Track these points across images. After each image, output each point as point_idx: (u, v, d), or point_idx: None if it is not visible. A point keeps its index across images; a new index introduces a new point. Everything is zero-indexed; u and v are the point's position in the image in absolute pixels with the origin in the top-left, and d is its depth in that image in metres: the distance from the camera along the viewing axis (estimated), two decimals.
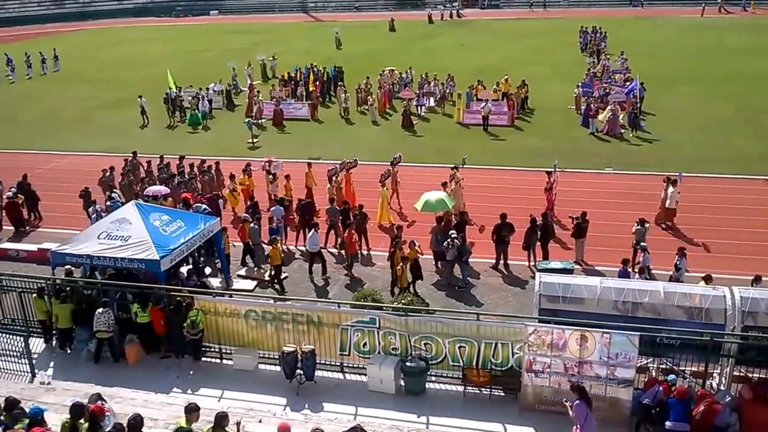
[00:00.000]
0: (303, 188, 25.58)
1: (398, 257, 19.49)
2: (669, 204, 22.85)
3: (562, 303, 14.76)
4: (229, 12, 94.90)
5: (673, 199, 22.74)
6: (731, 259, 20.67)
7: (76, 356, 17.03)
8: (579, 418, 12.48)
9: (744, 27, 62.56)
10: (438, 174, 25.94)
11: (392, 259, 19.77)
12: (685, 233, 22.70)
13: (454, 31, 69.31)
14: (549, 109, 38.97)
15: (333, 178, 24.93)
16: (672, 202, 22.79)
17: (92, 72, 57.24)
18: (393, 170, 25.67)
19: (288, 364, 15.25)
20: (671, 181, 22.84)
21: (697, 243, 22.06)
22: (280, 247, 21.11)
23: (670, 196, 22.72)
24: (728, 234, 22.45)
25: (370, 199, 24.45)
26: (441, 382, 15.42)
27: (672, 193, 22.68)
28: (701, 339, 13.85)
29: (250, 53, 54.89)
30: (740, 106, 37.76)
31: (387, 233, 22.79)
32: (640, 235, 20.28)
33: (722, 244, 21.85)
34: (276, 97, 40.81)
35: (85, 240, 18.05)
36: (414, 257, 19.55)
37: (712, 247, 21.85)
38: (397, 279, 19.29)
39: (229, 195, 25.39)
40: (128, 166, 28.11)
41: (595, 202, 24.13)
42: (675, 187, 22.70)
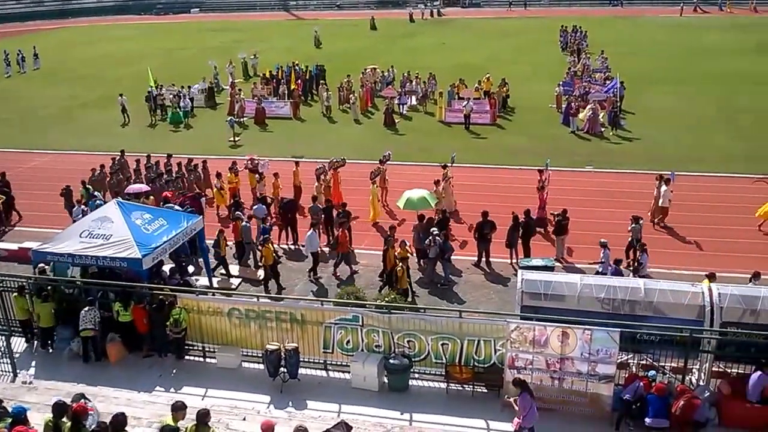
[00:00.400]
0: (291, 187, 25.57)
1: (391, 256, 19.49)
2: (662, 203, 23.04)
3: (544, 300, 14.93)
4: (210, 10, 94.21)
5: (666, 198, 22.93)
6: (725, 257, 20.94)
7: (58, 355, 16.92)
8: (524, 408, 12.79)
9: (723, 26, 63.22)
10: (420, 172, 26.09)
11: (386, 258, 19.75)
12: (678, 231, 23.01)
13: (435, 30, 69.46)
14: (530, 107, 39.23)
15: (321, 177, 24.92)
16: (665, 201, 22.98)
17: (72, 70, 56.70)
18: (383, 168, 25.69)
19: (271, 362, 15.27)
20: (664, 180, 23.03)
21: (689, 241, 22.38)
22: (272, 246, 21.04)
23: (663, 195, 22.92)
24: (718, 232, 22.72)
25: (354, 197, 24.53)
26: (424, 379, 15.51)
27: (665, 192, 22.88)
28: (680, 335, 14.08)
29: (232, 51, 54.67)
30: (720, 105, 38.24)
31: (381, 231, 22.92)
32: (635, 233, 20.49)
33: (714, 242, 22.11)
34: (258, 96, 40.71)
35: (66, 238, 17.92)
36: (404, 257, 19.54)
37: (704, 244, 22.15)
38: (398, 280, 19.07)
39: (217, 193, 25.30)
40: (116, 164, 27.93)
41: (575, 200, 24.36)
42: (668, 186, 22.89)
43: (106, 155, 29.52)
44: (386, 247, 19.91)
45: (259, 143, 34.70)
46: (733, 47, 52.87)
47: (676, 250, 21.95)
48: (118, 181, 26.33)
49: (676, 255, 21.48)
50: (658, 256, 20.23)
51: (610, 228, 23.04)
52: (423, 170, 27.07)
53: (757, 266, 17.88)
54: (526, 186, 24.87)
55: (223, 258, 21.32)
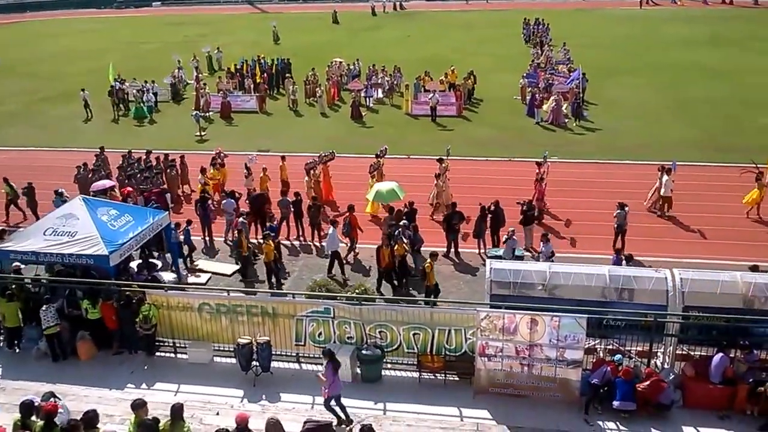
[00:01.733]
0: (278, 181, 25.44)
1: (386, 254, 19.17)
2: (664, 192, 23.33)
3: (513, 289, 15.17)
4: (172, 3, 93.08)
5: (668, 187, 23.21)
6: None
7: (25, 355, 16.67)
8: (328, 378, 13.58)
9: (680, 18, 64.45)
10: (389, 164, 26.14)
11: (380, 255, 19.42)
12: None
13: (398, 23, 69.55)
14: (495, 99, 39.60)
15: (311, 172, 24.79)
16: (667, 190, 23.26)
17: (32, 65, 55.53)
18: (381, 162, 25.59)
19: (243, 355, 15.29)
20: (665, 170, 23.31)
21: (693, 230, 22.75)
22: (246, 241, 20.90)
23: (665, 185, 23.19)
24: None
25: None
26: (396, 368, 15.66)
27: (666, 182, 23.14)
28: (645, 320, 14.44)
29: (196, 45, 54.02)
30: (676, 95, 39.06)
31: (379, 225, 22.95)
32: (621, 219, 20.83)
33: (716, 231, 22.51)
34: (223, 90, 40.40)
35: (30, 236, 17.72)
36: (402, 253, 19.40)
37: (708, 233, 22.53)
38: (427, 276, 18.61)
39: (200, 188, 24.87)
40: (98, 161, 27.47)
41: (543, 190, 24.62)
42: (669, 176, 23.18)
43: (70, 151, 29.01)
44: (391, 243, 19.32)
45: (225, 137, 34.47)
46: (690, 39, 53.96)
47: (677, 239, 22.22)
48: (100, 178, 25.80)
49: (678, 244, 21.76)
50: (655, 245, 20.62)
51: (575, 216, 23.55)
52: (390, 162, 27.06)
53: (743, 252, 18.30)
54: (493, 177, 25.18)
55: (245, 257, 20.92)
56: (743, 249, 20.71)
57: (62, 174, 27.73)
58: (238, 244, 20.81)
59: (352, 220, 21.35)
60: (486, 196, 22.62)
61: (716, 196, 24.41)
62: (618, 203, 21.14)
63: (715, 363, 14.01)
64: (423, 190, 24.77)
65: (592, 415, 13.99)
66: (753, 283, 14.55)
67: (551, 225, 23.07)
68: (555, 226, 23.01)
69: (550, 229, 22.57)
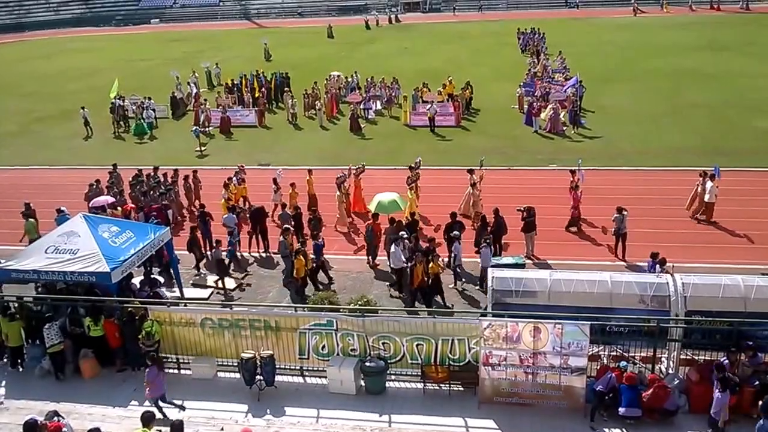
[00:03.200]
0: (306, 195, 25.35)
1: (419, 271, 18.64)
2: (708, 198, 23.07)
3: (515, 297, 15.16)
4: (170, 20, 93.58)
5: (713, 194, 22.95)
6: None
7: (28, 374, 16.66)
8: (149, 379, 14.48)
9: (672, 25, 64.80)
10: (389, 176, 26.09)
11: (413, 273, 18.86)
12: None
13: (394, 36, 69.83)
14: (493, 109, 39.72)
15: (342, 185, 24.72)
16: (711, 197, 23.00)
17: (31, 84, 55.86)
18: (418, 174, 25.28)
19: (247, 370, 15.25)
20: (708, 176, 23.13)
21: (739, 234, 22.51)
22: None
23: (709, 191, 22.96)
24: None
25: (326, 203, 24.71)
26: (400, 380, 15.63)
27: (711, 188, 22.90)
28: (648, 325, 14.43)
29: (194, 61, 54.32)
30: (672, 100, 39.20)
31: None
32: (618, 223, 20.84)
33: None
34: (223, 105, 40.53)
35: (31, 255, 17.66)
36: (436, 272, 19.00)
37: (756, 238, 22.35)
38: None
39: (224, 204, 24.81)
40: (112, 178, 27.40)
41: (542, 198, 24.64)
42: (713, 182, 23.02)
43: (71, 169, 29.02)
44: (427, 259, 18.74)
45: (225, 152, 34.60)
46: (684, 45, 54.26)
47: (722, 245, 21.97)
48: (114, 195, 25.69)
49: (722, 249, 21.49)
50: (696, 251, 20.61)
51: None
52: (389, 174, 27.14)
53: None
54: (493, 186, 25.14)
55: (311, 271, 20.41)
56: None
57: (64, 192, 27.85)
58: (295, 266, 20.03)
59: (375, 229, 21.35)
60: (486, 205, 22.64)
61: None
62: (617, 208, 21.13)
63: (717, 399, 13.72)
64: (423, 200, 24.79)
65: (597, 422, 13.96)
66: (755, 286, 14.53)
67: (589, 233, 22.94)
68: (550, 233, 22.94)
69: (588, 238, 22.57)
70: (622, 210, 21.02)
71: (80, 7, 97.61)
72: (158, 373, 14.49)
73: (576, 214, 23.42)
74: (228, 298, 20.30)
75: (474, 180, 24.23)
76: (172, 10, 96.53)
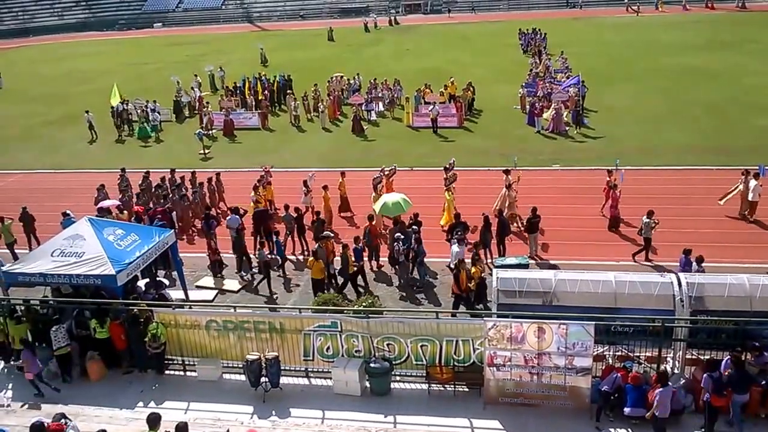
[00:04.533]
0: (338, 198, 25.38)
1: (464, 276, 18.26)
2: (752, 197, 22.92)
3: (519, 297, 15.17)
4: (173, 24, 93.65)
5: (756, 192, 22.79)
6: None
7: None
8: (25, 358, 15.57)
9: (673, 24, 64.76)
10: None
11: (458, 278, 18.32)
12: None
13: (396, 38, 69.78)
14: (495, 109, 39.75)
15: (378, 186, 24.64)
16: (755, 195, 22.85)
17: (36, 88, 55.98)
18: (455, 175, 25.28)
19: (252, 372, 15.29)
20: (752, 174, 22.95)
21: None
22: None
23: (753, 189, 22.81)
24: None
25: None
26: (405, 381, 15.65)
27: (755, 186, 22.74)
28: (653, 325, 14.42)
29: (197, 64, 54.43)
30: (674, 99, 39.17)
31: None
32: (647, 227, 20.53)
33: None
34: (226, 108, 40.63)
35: (37, 258, 17.73)
36: (479, 275, 18.81)
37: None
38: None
39: (252, 206, 24.56)
40: (124, 182, 27.39)
41: (545, 198, 24.69)
42: (757, 180, 22.87)
43: (76, 173, 29.06)
44: (472, 264, 18.55)
45: (229, 155, 34.69)
46: (685, 43, 54.25)
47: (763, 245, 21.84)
48: (128, 198, 25.87)
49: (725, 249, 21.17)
50: (736, 251, 20.51)
51: (579, 224, 23.58)
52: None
53: None
54: (496, 186, 25.11)
55: (351, 275, 20.17)
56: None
57: (69, 195, 27.91)
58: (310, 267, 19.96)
59: (372, 230, 21.36)
60: (490, 206, 22.65)
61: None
62: (648, 212, 20.75)
63: (725, 366, 13.85)
64: (427, 201, 24.77)
65: (603, 422, 13.97)
66: (760, 285, 14.52)
67: (627, 233, 22.90)
68: (554, 233, 22.94)
69: (626, 238, 22.44)
70: (651, 214, 20.70)
71: (84, 11, 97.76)
72: (32, 355, 15.56)
73: (616, 214, 23.15)
74: (271, 301, 20.20)
75: (510, 181, 23.95)
76: (175, 13, 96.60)
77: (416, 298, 19.91)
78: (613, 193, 23.26)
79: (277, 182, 26.21)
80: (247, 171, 28.37)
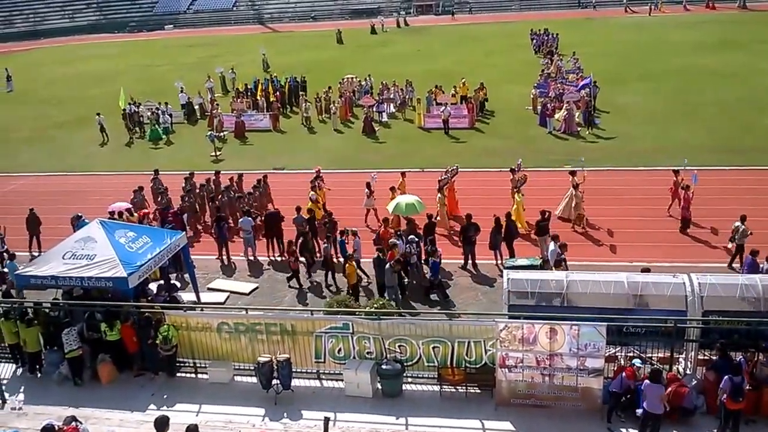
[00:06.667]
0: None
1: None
2: None
3: (531, 298, 15.11)
4: (184, 26, 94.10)
5: None
6: None
7: (47, 379, 16.79)
8: None
9: (684, 24, 64.42)
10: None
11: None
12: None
13: (406, 39, 69.72)
14: (507, 110, 39.66)
15: (444, 188, 24.40)
16: None
17: (46, 91, 56.35)
18: (517, 177, 24.89)
19: (264, 374, 15.29)
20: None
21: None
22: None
23: None
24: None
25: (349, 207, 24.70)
26: (417, 382, 15.60)
27: None
28: (665, 326, 14.33)
29: (209, 66, 54.60)
30: (686, 99, 38.94)
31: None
32: (741, 232, 19.84)
33: None
34: (237, 110, 40.74)
35: (49, 261, 17.81)
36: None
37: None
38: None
39: (313, 206, 24.34)
40: (159, 185, 27.11)
41: (557, 199, 24.52)
42: None
43: (87, 175, 29.18)
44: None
45: (240, 156, 34.77)
46: (696, 43, 53.88)
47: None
48: (168, 201, 25.62)
49: None
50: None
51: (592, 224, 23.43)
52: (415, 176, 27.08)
53: None
54: (507, 188, 25.03)
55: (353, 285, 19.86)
56: None
57: (80, 198, 28.05)
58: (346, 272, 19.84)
59: (382, 235, 21.21)
60: (500, 207, 22.57)
61: (734, 200, 24.12)
62: (741, 216, 20.08)
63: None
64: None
65: (614, 423, 13.88)
66: None
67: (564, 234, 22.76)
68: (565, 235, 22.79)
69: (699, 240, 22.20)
70: (744, 219, 20.08)
71: (95, 13, 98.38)
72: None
73: (687, 215, 22.63)
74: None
75: (576, 181, 23.71)
76: (186, 15, 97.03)
77: (428, 300, 19.85)
78: (685, 194, 22.57)
79: (287, 183, 26.18)
80: (259, 173, 28.30)
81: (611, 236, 22.81)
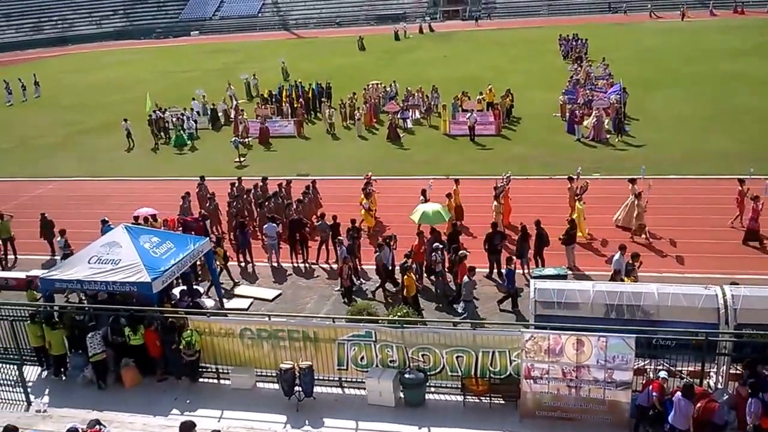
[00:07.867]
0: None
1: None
2: None
3: (557, 309, 14.84)
4: (209, 32, 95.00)
5: None
6: None
7: (71, 382, 16.87)
8: None
9: (716, 29, 63.62)
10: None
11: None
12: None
13: (431, 44, 69.66)
14: (534, 116, 39.30)
15: (500, 196, 24.14)
16: None
17: (74, 97, 57.05)
18: (578, 185, 24.50)
19: (286, 381, 15.19)
20: None
21: None
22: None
23: None
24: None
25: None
26: (440, 392, 15.41)
27: None
28: (696, 339, 13.97)
29: (234, 72, 54.95)
30: (718, 106, 38.34)
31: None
32: None
33: None
34: (261, 116, 40.87)
35: (74, 265, 17.95)
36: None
37: None
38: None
39: (365, 214, 24.47)
40: (206, 191, 27.07)
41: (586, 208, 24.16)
42: None
43: (114, 180, 29.38)
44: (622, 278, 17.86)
45: (264, 163, 34.83)
46: (729, 49, 53.19)
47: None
48: (215, 207, 25.79)
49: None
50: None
51: (619, 234, 23.03)
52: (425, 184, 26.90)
53: None
54: (534, 196, 24.78)
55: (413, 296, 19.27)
56: None
57: (107, 203, 28.23)
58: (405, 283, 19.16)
59: (415, 248, 20.79)
60: (527, 215, 22.27)
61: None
62: None
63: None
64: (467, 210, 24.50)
65: None
66: None
67: (590, 243, 22.45)
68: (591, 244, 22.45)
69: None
70: None
71: (122, 20, 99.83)
72: None
73: (755, 227, 21.81)
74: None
75: (638, 190, 23.21)
76: (211, 21, 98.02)
77: (453, 309, 19.62)
78: (754, 204, 21.75)
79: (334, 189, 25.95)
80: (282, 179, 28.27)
81: (674, 246, 22.23)
